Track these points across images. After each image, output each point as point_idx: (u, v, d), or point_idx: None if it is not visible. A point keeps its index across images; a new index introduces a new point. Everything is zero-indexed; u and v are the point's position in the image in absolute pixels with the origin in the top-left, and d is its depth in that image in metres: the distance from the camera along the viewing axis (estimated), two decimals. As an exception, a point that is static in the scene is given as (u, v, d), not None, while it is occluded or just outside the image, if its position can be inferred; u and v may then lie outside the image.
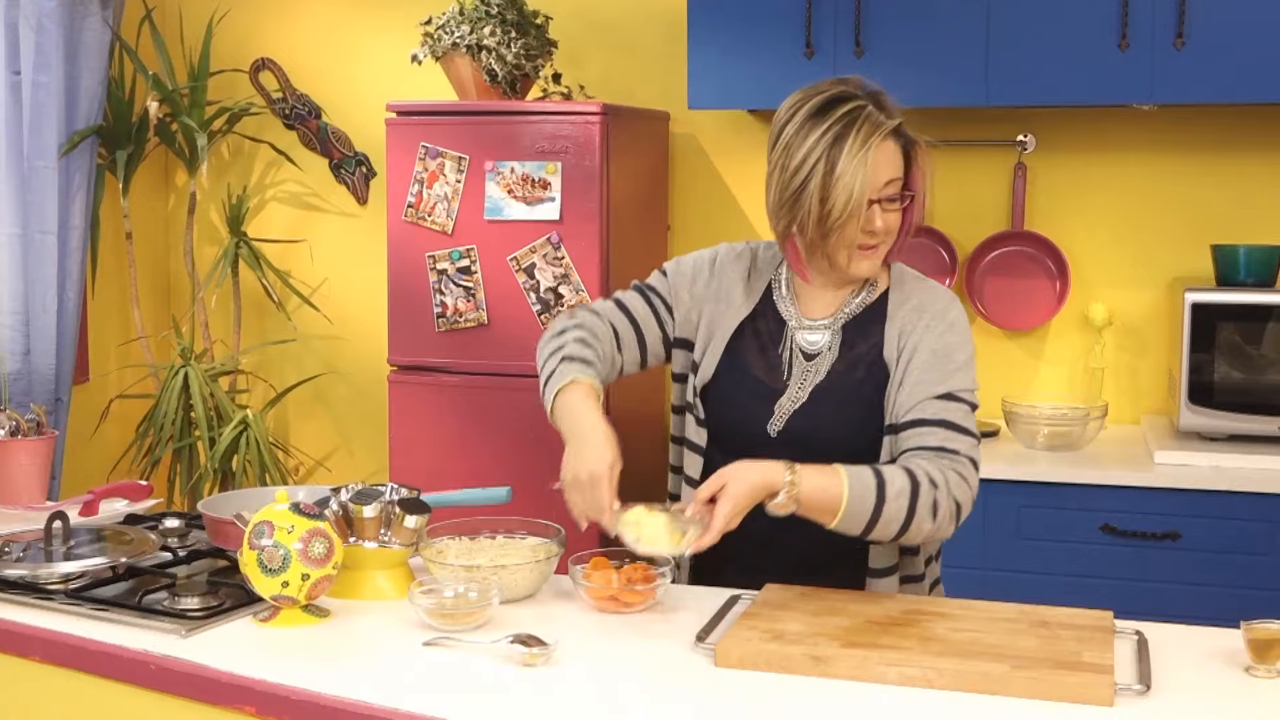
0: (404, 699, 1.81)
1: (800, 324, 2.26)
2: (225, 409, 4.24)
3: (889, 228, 2.15)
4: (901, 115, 2.15)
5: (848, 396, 2.20)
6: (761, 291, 2.31)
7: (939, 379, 2.14)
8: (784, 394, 2.23)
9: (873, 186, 2.11)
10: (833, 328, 2.24)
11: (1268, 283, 3.44)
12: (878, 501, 2.03)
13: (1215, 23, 3.32)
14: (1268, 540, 3.16)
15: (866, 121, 2.10)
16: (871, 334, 2.22)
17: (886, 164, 2.12)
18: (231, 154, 4.58)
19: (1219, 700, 1.83)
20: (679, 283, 2.34)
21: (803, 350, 2.25)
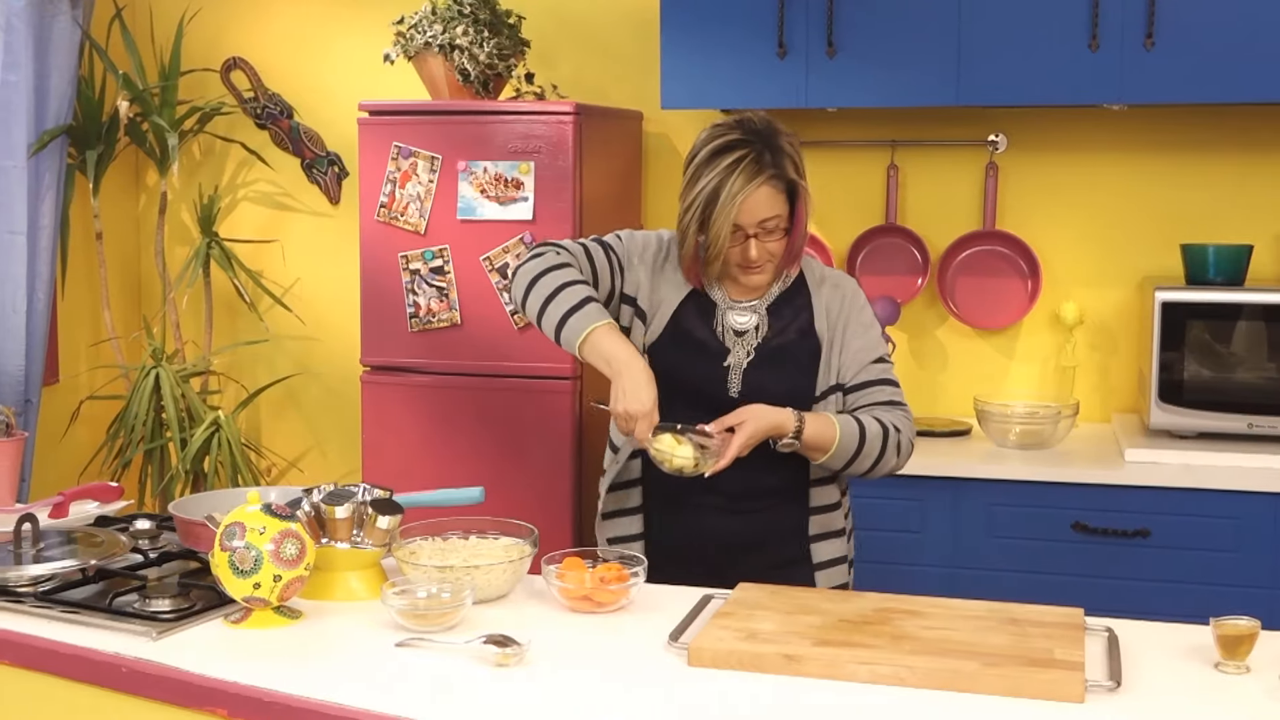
0: (377, 700, 1.81)
1: (729, 305, 2.56)
2: (197, 410, 4.23)
3: (771, 254, 2.48)
4: (791, 157, 2.46)
5: (784, 362, 2.53)
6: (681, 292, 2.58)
7: (871, 347, 2.57)
8: (727, 358, 2.53)
9: (749, 223, 2.44)
10: (759, 310, 2.56)
11: (1236, 282, 3.46)
12: (860, 442, 2.45)
13: (1185, 23, 3.34)
14: (1237, 537, 3.18)
15: (747, 170, 2.42)
16: (795, 311, 2.56)
17: (764, 205, 2.43)
18: (203, 153, 4.56)
19: (1188, 696, 1.85)
20: (631, 249, 2.60)
21: (733, 328, 2.55)
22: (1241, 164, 3.71)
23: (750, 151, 2.42)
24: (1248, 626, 1.93)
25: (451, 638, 2.03)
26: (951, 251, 3.89)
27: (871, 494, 3.11)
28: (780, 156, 2.45)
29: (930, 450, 3.47)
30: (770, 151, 2.44)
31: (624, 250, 2.59)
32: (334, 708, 1.79)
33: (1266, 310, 3.36)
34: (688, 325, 2.56)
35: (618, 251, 2.59)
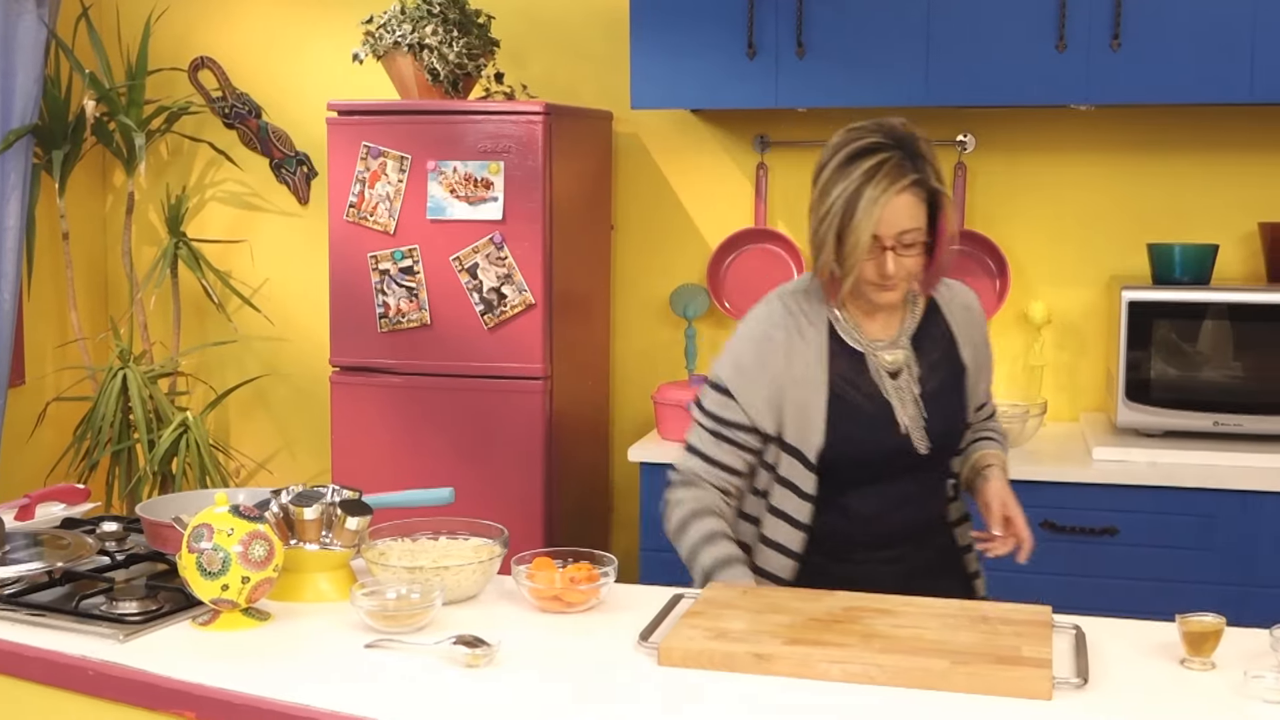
0: (346, 702, 1.81)
1: (873, 347, 2.39)
2: (165, 411, 4.20)
3: (907, 270, 2.30)
4: (933, 164, 2.29)
5: (947, 399, 2.43)
6: (827, 337, 2.38)
7: (989, 369, 2.56)
8: (894, 412, 2.36)
9: (887, 234, 2.25)
10: (902, 344, 2.40)
11: (1203, 281, 3.49)
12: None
13: (1151, 24, 3.36)
14: (1203, 535, 3.20)
15: (887, 174, 2.24)
16: (938, 339, 2.43)
17: (904, 214, 2.25)
18: (170, 153, 4.53)
19: (1154, 692, 1.86)
20: (750, 395, 2.36)
21: (886, 370, 2.38)
22: (1207, 164, 3.74)
23: (891, 155, 2.25)
24: (1213, 624, 1.95)
25: (421, 639, 2.03)
26: (920, 251, 3.90)
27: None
28: (922, 162, 2.27)
29: (900, 449, 3.48)
30: (911, 158, 2.26)
31: (742, 411, 2.35)
32: (302, 710, 1.79)
33: (1232, 309, 3.38)
34: (844, 393, 2.35)
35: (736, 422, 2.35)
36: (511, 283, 3.63)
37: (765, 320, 2.39)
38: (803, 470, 2.35)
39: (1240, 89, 3.33)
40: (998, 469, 2.49)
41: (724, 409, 2.38)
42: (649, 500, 3.51)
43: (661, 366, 4.15)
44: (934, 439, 2.38)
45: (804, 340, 2.36)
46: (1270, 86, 3.32)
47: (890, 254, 2.27)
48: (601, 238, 4.08)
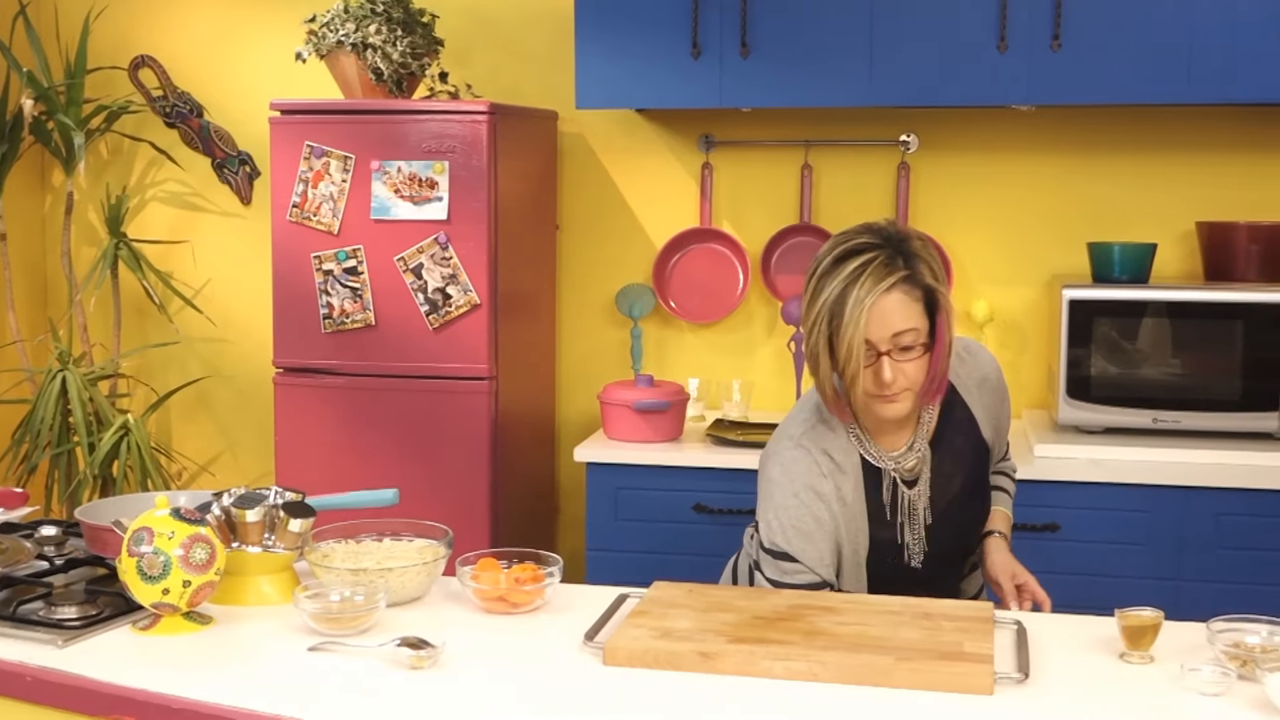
0: (289, 706, 1.79)
1: (891, 461, 2.31)
2: (105, 414, 4.16)
3: (908, 377, 2.18)
4: (928, 262, 2.18)
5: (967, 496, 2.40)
6: (859, 468, 2.30)
7: (1008, 418, 2.54)
8: (900, 530, 2.33)
9: (881, 338, 2.15)
10: (917, 449, 2.33)
11: (1141, 279, 3.53)
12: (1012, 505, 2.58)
13: (1090, 26, 3.40)
14: (1143, 530, 3.24)
15: (873, 273, 2.14)
16: (960, 426, 2.38)
17: (895, 314, 2.14)
18: (110, 153, 4.48)
19: (1094, 686, 1.88)
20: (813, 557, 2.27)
21: (903, 480, 2.33)
22: (1146, 164, 3.79)
23: (878, 255, 2.14)
24: (1151, 618, 1.97)
25: (365, 641, 2.02)
26: (864, 250, 3.92)
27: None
28: (914, 260, 2.16)
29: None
30: (902, 255, 2.15)
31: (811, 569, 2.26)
32: (245, 714, 1.77)
33: (1170, 307, 3.43)
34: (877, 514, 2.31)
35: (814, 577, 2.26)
36: (456, 283, 3.62)
37: (804, 474, 2.27)
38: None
39: (1178, 90, 3.38)
40: (997, 538, 2.46)
41: (792, 575, 2.27)
42: (595, 500, 3.52)
43: (607, 366, 4.15)
44: (936, 555, 2.35)
45: (845, 476, 2.28)
46: (1207, 87, 3.36)
47: (886, 360, 2.15)
48: (547, 238, 4.08)
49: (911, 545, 2.34)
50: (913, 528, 2.33)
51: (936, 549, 2.36)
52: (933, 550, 2.36)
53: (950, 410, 2.36)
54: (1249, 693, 1.83)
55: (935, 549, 2.36)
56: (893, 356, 2.15)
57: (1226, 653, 1.91)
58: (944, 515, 2.37)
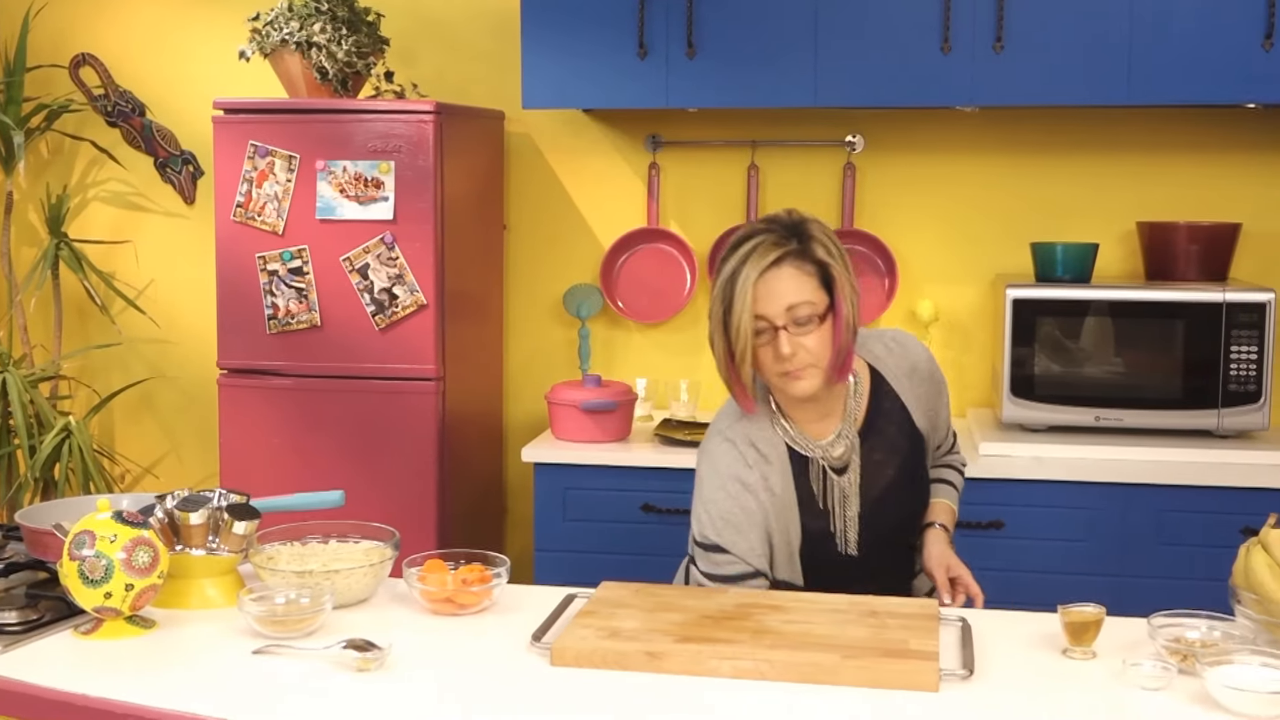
0: (234, 710, 1.78)
1: (818, 449, 2.33)
2: (46, 416, 4.11)
3: (809, 351, 2.20)
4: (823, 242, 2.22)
5: (899, 494, 2.40)
6: (786, 457, 2.32)
7: (948, 406, 2.55)
8: (831, 519, 2.34)
9: (774, 312, 2.18)
10: (846, 436, 2.35)
11: (1084, 279, 3.57)
12: (960, 499, 2.58)
13: (1032, 28, 3.43)
14: (1086, 527, 3.28)
15: (762, 251, 2.18)
16: (891, 415, 2.39)
17: (786, 286, 2.18)
18: (51, 152, 4.43)
19: (1037, 682, 1.90)
20: (744, 546, 2.28)
21: (832, 469, 2.34)
22: (1087, 165, 3.83)
23: (768, 235, 2.21)
24: (1093, 614, 2.00)
25: (311, 643, 2.01)
26: (811, 250, 3.94)
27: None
28: (807, 239, 2.22)
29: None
30: (796, 236, 2.21)
31: (743, 559, 2.28)
32: (190, 719, 1.76)
33: (1112, 306, 3.47)
34: (806, 506, 2.33)
35: (746, 567, 2.29)
36: (403, 283, 3.60)
37: (730, 466, 2.30)
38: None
39: (1118, 91, 3.42)
40: (937, 529, 2.46)
41: (724, 566, 2.29)
42: (543, 501, 3.51)
43: (555, 366, 4.14)
44: (872, 544, 2.36)
45: (771, 466, 2.31)
46: (1147, 89, 3.40)
47: (783, 334, 2.18)
48: (494, 238, 4.07)
49: (845, 533, 2.35)
50: (845, 515, 2.35)
51: (871, 537, 2.37)
52: (867, 538, 2.36)
53: (879, 399, 2.38)
54: (1189, 687, 1.85)
55: (870, 537, 2.37)
56: (789, 330, 2.19)
57: (1167, 647, 1.94)
58: (877, 503, 2.37)
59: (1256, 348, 3.36)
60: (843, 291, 2.21)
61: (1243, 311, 3.36)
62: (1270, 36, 3.33)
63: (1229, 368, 3.37)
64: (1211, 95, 3.41)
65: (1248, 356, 3.36)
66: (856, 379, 2.37)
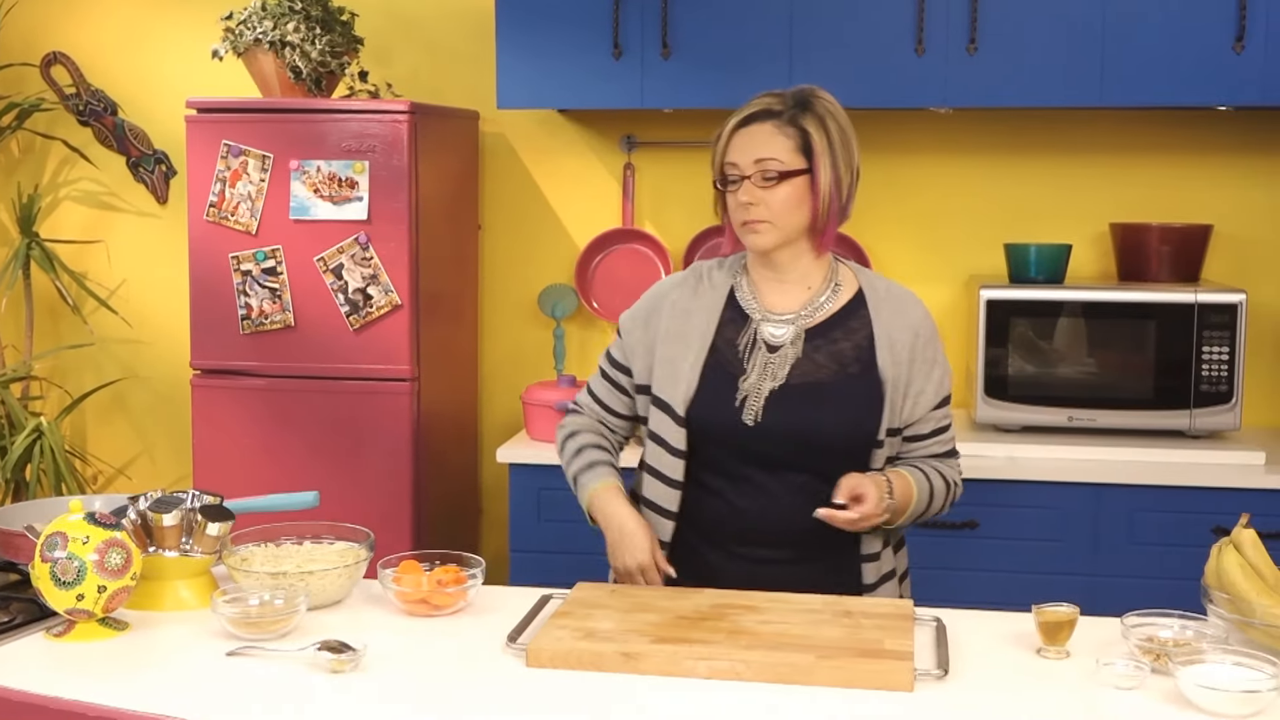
0: (208, 712, 1.77)
1: (765, 317, 2.34)
2: (17, 417, 4.08)
3: (769, 207, 2.26)
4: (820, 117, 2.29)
5: (827, 392, 2.29)
6: (723, 301, 2.37)
7: (937, 388, 2.36)
8: (746, 379, 2.30)
9: (743, 161, 2.27)
10: (796, 323, 2.33)
11: (1057, 280, 3.58)
12: (928, 503, 2.34)
13: (1005, 30, 3.45)
14: (1059, 527, 3.29)
15: (748, 108, 2.31)
16: (852, 332, 2.32)
17: (760, 141, 2.27)
18: (21, 151, 4.40)
19: (1011, 681, 1.91)
20: (631, 339, 2.43)
21: (766, 342, 2.32)
22: (1061, 166, 3.85)
23: (771, 98, 2.32)
24: (1067, 613, 2.01)
25: (285, 645, 2.00)
26: (786, 251, 3.95)
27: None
28: (805, 111, 2.29)
29: (766, 447, 3.53)
30: (797, 105, 2.29)
31: (624, 349, 2.43)
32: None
33: (1085, 307, 3.48)
34: (720, 356, 2.33)
35: (618, 359, 2.44)
36: (377, 283, 3.59)
37: (670, 281, 2.45)
38: (671, 425, 2.33)
39: (1091, 93, 3.44)
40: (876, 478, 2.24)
41: (614, 349, 2.47)
42: (519, 501, 3.51)
43: (530, 367, 4.14)
44: (772, 418, 2.26)
45: (698, 301, 2.38)
46: (1120, 90, 3.42)
47: (747, 183, 2.27)
48: (469, 238, 4.06)
49: (751, 401, 2.28)
50: (760, 384, 2.28)
51: (778, 424, 2.27)
52: (773, 422, 2.26)
53: (848, 315, 2.34)
54: (1162, 686, 1.86)
55: (776, 423, 2.27)
56: (754, 182, 2.26)
57: (1140, 647, 1.95)
58: (797, 392, 2.28)
59: (1228, 348, 3.38)
60: (821, 162, 2.27)
61: (1214, 312, 3.38)
62: (1241, 39, 3.35)
63: (1201, 368, 3.39)
64: (1183, 97, 3.43)
65: (1219, 357, 3.38)
66: (837, 286, 2.36)
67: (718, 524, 2.34)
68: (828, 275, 2.37)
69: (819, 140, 2.28)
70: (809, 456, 2.28)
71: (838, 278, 2.38)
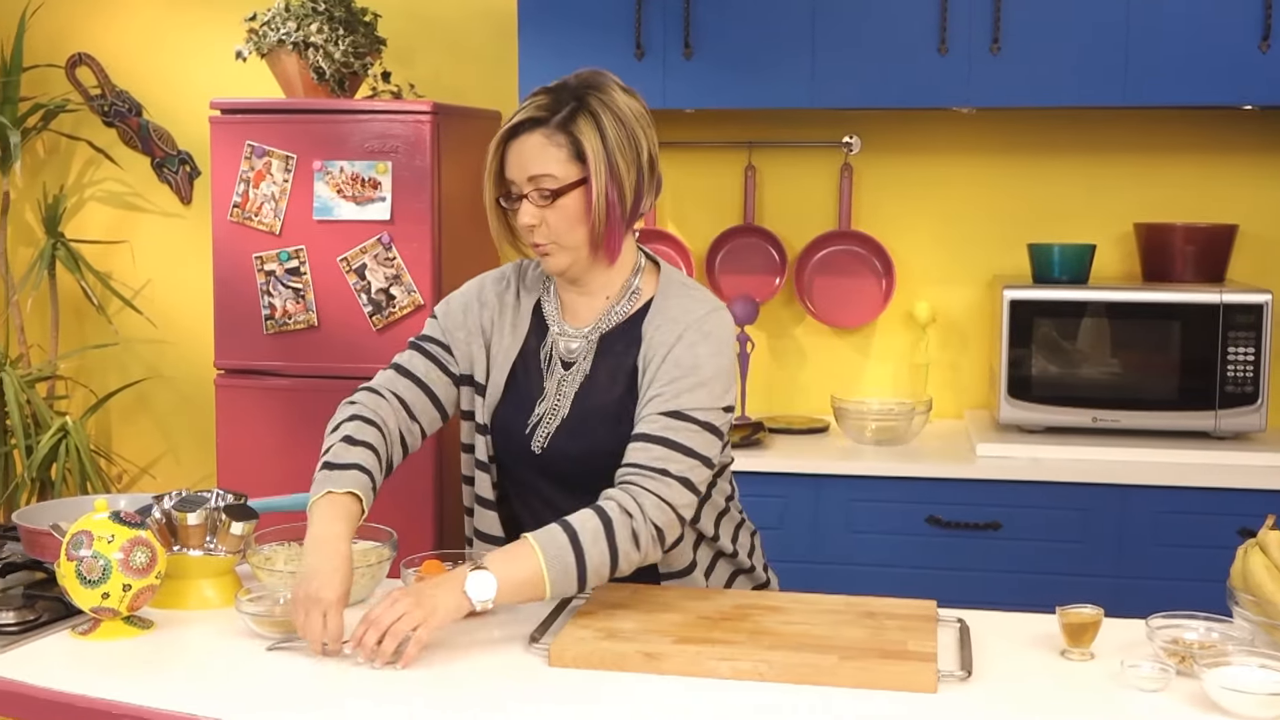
0: (232, 710, 1.78)
1: (562, 330, 2.23)
2: (43, 416, 4.10)
3: (550, 227, 2.12)
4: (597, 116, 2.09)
5: (611, 412, 2.17)
6: (530, 313, 2.27)
7: (673, 394, 2.09)
8: (540, 402, 2.20)
9: (518, 179, 2.12)
10: (590, 336, 2.21)
11: (1081, 280, 3.57)
12: (578, 556, 1.99)
13: (1029, 29, 3.43)
14: (1082, 528, 3.28)
15: (518, 114, 2.12)
16: (629, 344, 2.18)
17: (531, 157, 2.10)
18: (47, 152, 4.42)
19: (1035, 683, 1.90)
20: (451, 323, 2.28)
21: (561, 359, 2.22)
22: (1085, 166, 3.83)
23: (533, 101, 2.11)
24: (1091, 615, 1.99)
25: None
26: (808, 251, 3.95)
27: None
28: (574, 113, 2.08)
29: (789, 448, 3.52)
30: (573, 104, 2.09)
31: (442, 330, 2.28)
32: (186, 719, 1.76)
33: (1109, 308, 3.47)
34: (520, 370, 2.24)
35: (436, 338, 2.28)
36: (400, 283, 3.60)
37: (489, 280, 2.31)
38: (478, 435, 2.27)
39: (1115, 92, 3.42)
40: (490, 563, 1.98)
41: (429, 329, 2.30)
42: (540, 501, 3.51)
43: (552, 367, 4.13)
44: (556, 445, 2.18)
45: (506, 313, 2.26)
46: (1144, 90, 3.41)
47: (525, 202, 2.11)
48: (489, 238, 4.03)
49: (541, 428, 2.20)
50: (552, 409, 2.20)
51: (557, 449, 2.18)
52: (554, 451, 2.18)
53: (635, 325, 2.19)
54: (1187, 688, 1.85)
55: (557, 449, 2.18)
56: (531, 200, 2.10)
57: (1165, 649, 1.94)
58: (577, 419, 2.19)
59: (1253, 349, 3.36)
60: (596, 168, 2.07)
61: (1240, 313, 3.36)
62: (1267, 38, 3.33)
63: (1226, 369, 3.37)
64: (1208, 96, 3.41)
65: (1244, 358, 3.37)
66: (635, 293, 2.22)
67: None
68: (625, 284, 2.22)
69: (592, 144, 2.07)
70: (595, 479, 2.10)
71: (636, 285, 2.23)
